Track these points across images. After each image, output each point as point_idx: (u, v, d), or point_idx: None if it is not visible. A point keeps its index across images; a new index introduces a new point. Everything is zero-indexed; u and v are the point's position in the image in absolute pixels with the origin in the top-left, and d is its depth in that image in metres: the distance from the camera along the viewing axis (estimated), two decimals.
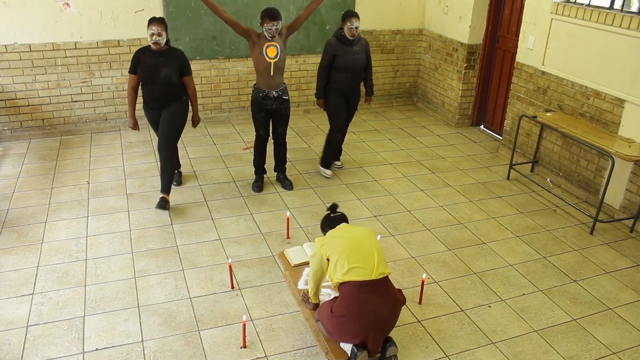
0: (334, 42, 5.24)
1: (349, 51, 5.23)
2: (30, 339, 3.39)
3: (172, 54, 4.74)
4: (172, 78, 4.70)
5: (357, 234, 3.22)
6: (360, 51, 5.30)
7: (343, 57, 5.22)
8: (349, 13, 5.15)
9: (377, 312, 3.06)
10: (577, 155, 5.41)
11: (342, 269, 3.07)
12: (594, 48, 5.10)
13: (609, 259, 4.47)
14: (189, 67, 4.82)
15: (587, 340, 3.56)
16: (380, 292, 3.08)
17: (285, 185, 5.40)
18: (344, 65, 5.24)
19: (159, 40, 4.61)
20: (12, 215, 4.77)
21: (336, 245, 3.14)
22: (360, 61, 5.33)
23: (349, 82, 5.37)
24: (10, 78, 6.13)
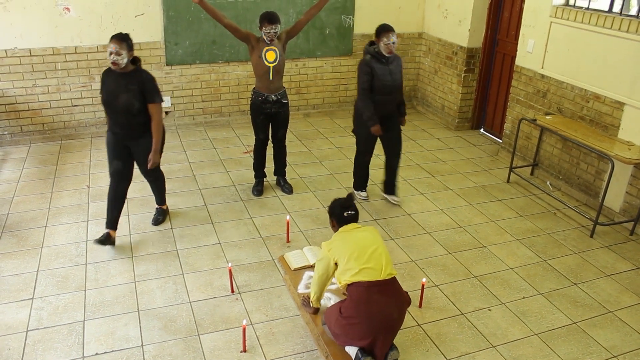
0: (370, 60, 4.72)
1: (386, 70, 4.74)
2: (30, 344, 3.38)
3: (136, 77, 4.13)
4: (133, 106, 4.10)
5: (364, 235, 3.22)
6: (397, 70, 4.83)
7: (380, 77, 4.71)
8: (386, 27, 4.65)
9: (386, 312, 3.06)
10: (577, 158, 5.41)
11: (351, 270, 3.09)
12: (593, 51, 5.11)
13: (609, 261, 4.46)
14: (155, 94, 4.18)
15: (587, 344, 3.55)
16: (389, 293, 3.10)
17: (285, 189, 5.40)
18: (381, 86, 4.73)
19: (117, 60, 4.03)
20: (12, 220, 4.77)
21: (345, 249, 3.15)
22: (397, 81, 4.83)
23: (386, 104, 4.85)
24: (11, 82, 6.14)
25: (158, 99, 4.21)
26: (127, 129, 4.24)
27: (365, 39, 7.49)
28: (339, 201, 3.38)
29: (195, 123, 7.06)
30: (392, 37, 4.61)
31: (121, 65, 4.05)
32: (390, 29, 4.64)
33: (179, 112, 6.97)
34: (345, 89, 7.72)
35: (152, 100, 4.18)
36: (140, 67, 4.21)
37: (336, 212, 3.33)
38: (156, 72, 6.65)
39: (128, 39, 4.12)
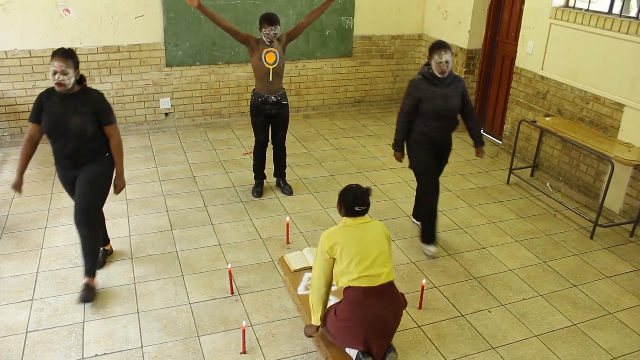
0: (419, 81, 4.21)
1: (439, 93, 4.17)
2: (29, 345, 3.38)
3: (85, 97, 3.64)
4: (87, 129, 3.60)
5: (369, 237, 3.08)
6: (455, 93, 4.21)
7: (429, 101, 4.16)
8: (437, 44, 4.14)
9: (381, 317, 3.06)
10: (576, 160, 5.41)
11: (350, 275, 3.02)
12: (593, 53, 5.11)
13: (609, 263, 4.46)
14: (110, 113, 3.73)
15: (587, 345, 3.55)
16: (385, 297, 3.07)
17: (285, 191, 5.40)
18: (431, 111, 4.18)
19: (63, 80, 3.51)
20: (12, 221, 4.77)
21: (347, 251, 3.03)
22: (453, 106, 4.24)
23: (439, 132, 4.30)
24: (11, 84, 6.14)
25: (114, 119, 3.76)
26: (78, 157, 3.69)
27: (365, 41, 7.51)
28: (353, 191, 3.13)
29: (195, 124, 7.06)
30: (443, 55, 4.04)
31: (67, 85, 3.55)
32: (441, 45, 4.08)
33: (178, 113, 6.97)
34: (345, 90, 7.72)
35: (108, 122, 3.71)
36: (86, 86, 3.75)
37: (347, 202, 3.11)
38: (156, 74, 6.66)
39: (74, 55, 3.61)
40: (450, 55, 4.09)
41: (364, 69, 7.70)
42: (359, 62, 7.63)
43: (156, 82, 6.72)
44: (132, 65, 6.54)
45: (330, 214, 5.05)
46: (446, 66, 4.08)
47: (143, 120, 6.84)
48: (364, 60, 7.65)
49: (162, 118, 6.93)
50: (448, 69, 4.11)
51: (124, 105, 6.68)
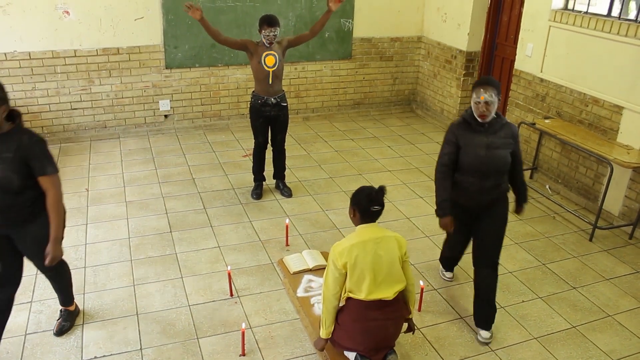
0: (458, 126, 3.44)
1: (481, 141, 3.35)
2: (28, 348, 3.38)
3: (12, 140, 2.91)
4: (12, 181, 2.88)
5: (386, 259, 2.93)
6: (502, 143, 3.36)
7: (468, 150, 3.37)
8: (479, 81, 3.33)
9: (383, 328, 3.05)
10: (575, 162, 5.41)
11: (358, 293, 2.96)
12: (592, 55, 5.12)
13: (608, 265, 4.46)
14: (46, 162, 2.98)
15: (586, 348, 3.55)
16: (387, 309, 3.02)
17: (284, 193, 5.40)
18: (468, 163, 3.38)
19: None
20: None
21: (359, 270, 2.92)
22: (499, 159, 3.36)
23: (474, 190, 3.44)
24: (10, 86, 6.13)
25: (51, 169, 3.00)
26: (6, 214, 2.97)
27: (364, 43, 7.51)
28: (367, 191, 2.98)
29: (195, 126, 7.06)
30: (482, 94, 3.21)
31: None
32: (482, 82, 3.28)
33: (178, 115, 6.97)
34: (345, 93, 7.73)
35: (42, 172, 2.96)
36: (20, 125, 3.03)
37: (362, 204, 2.94)
38: (156, 76, 6.66)
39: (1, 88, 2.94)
40: (494, 94, 3.23)
41: (364, 71, 7.71)
42: (358, 65, 7.63)
43: (156, 84, 6.73)
44: (132, 67, 6.54)
45: (330, 216, 5.05)
46: (486, 108, 3.26)
47: (142, 122, 6.84)
48: (364, 63, 7.65)
49: (161, 120, 6.93)
50: (490, 112, 3.27)
51: (124, 107, 6.68)
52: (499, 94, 3.29)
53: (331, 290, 2.97)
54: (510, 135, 3.41)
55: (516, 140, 3.45)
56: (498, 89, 3.28)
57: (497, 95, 3.27)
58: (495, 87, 3.26)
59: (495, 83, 3.29)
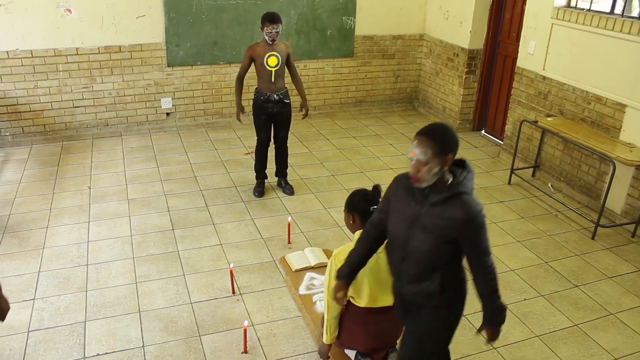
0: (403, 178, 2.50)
1: (408, 212, 2.41)
2: (31, 344, 3.39)
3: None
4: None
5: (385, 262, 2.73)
6: (436, 226, 2.33)
7: (393, 218, 2.49)
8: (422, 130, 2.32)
9: (383, 331, 3.05)
10: (578, 160, 5.41)
11: (358, 300, 2.92)
12: (595, 53, 5.10)
13: (610, 264, 4.46)
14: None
15: (588, 346, 3.55)
16: (389, 313, 3.00)
17: (287, 190, 5.41)
18: (390, 236, 2.55)
19: None
20: (14, 221, 4.77)
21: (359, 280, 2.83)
22: (419, 246, 2.38)
23: (396, 279, 2.60)
24: (12, 84, 6.14)
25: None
26: None
27: (366, 41, 7.50)
28: (362, 193, 2.88)
29: (197, 124, 7.07)
30: (414, 148, 2.26)
31: None
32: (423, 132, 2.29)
33: (180, 113, 6.97)
34: (347, 90, 7.72)
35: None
36: None
37: (360, 207, 2.82)
38: (157, 74, 6.66)
39: None
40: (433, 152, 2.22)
41: (366, 69, 7.70)
42: (360, 62, 7.62)
43: (157, 82, 6.73)
44: (134, 65, 6.54)
45: (332, 214, 5.05)
46: (416, 169, 2.27)
47: (144, 120, 6.84)
48: (366, 60, 7.65)
49: (163, 118, 6.93)
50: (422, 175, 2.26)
51: (126, 105, 6.68)
52: (446, 152, 2.23)
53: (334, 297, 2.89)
54: (454, 220, 2.28)
55: (467, 230, 2.29)
56: (443, 145, 2.23)
57: (441, 154, 2.22)
58: (437, 141, 2.23)
59: (441, 137, 2.25)
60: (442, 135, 2.28)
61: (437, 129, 2.31)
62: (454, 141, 2.31)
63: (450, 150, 2.28)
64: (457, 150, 2.33)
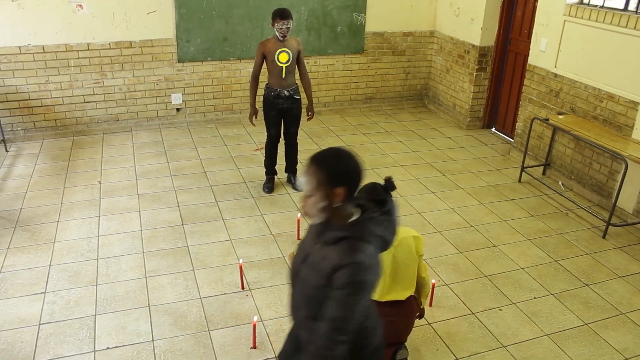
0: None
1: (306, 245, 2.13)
2: (42, 337, 3.41)
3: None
4: None
5: (403, 260, 2.87)
6: (316, 269, 1.98)
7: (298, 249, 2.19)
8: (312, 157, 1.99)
9: (393, 324, 3.04)
10: (589, 159, 5.37)
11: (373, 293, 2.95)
12: (608, 50, 5.06)
13: (621, 263, 4.42)
14: None
15: (599, 345, 3.53)
16: (399, 308, 3.02)
17: (296, 187, 5.41)
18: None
19: None
20: (25, 215, 4.81)
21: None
22: (302, 286, 2.06)
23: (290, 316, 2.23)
24: (24, 79, 6.18)
25: None
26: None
27: (376, 37, 7.49)
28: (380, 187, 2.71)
29: (206, 120, 7.08)
30: (302, 176, 2.00)
31: None
32: (311, 159, 1.99)
33: (190, 109, 6.99)
34: (356, 87, 7.70)
35: None
36: None
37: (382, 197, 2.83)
38: (168, 69, 6.68)
39: None
40: (317, 180, 1.92)
41: (376, 65, 7.68)
42: (370, 59, 7.61)
43: (168, 78, 6.75)
44: (144, 60, 6.56)
45: None
46: (304, 201, 1.99)
47: (155, 115, 6.87)
48: (376, 57, 7.63)
49: (173, 113, 6.95)
50: (307, 208, 1.99)
51: (136, 100, 6.71)
52: (334, 184, 1.89)
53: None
54: (326, 266, 1.92)
55: (328, 281, 1.91)
56: (330, 176, 1.89)
57: (328, 185, 1.89)
58: (324, 170, 1.90)
59: (329, 165, 1.92)
60: (331, 164, 1.91)
61: (327, 156, 1.94)
62: (346, 172, 1.90)
63: (341, 183, 1.88)
64: (355, 183, 1.92)
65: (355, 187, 1.94)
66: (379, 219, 1.97)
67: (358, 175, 1.93)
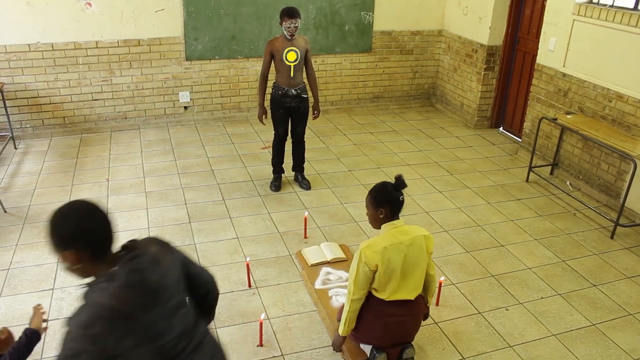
0: None
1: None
2: (50, 333, 3.43)
3: None
4: None
5: (413, 260, 2.91)
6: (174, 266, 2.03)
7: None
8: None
9: (402, 323, 3.05)
10: (597, 159, 5.34)
11: (381, 293, 2.96)
12: (617, 50, 5.03)
13: (629, 263, 4.40)
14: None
15: (606, 346, 3.51)
16: (408, 307, 3.03)
17: (303, 185, 5.41)
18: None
19: None
20: (34, 211, 4.84)
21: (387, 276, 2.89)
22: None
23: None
24: (33, 76, 6.22)
25: None
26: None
27: (384, 36, 7.48)
28: (382, 184, 2.94)
29: (214, 118, 7.10)
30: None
31: None
32: None
33: (197, 107, 7.01)
34: (364, 86, 7.70)
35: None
36: None
37: (389, 196, 2.88)
38: (176, 67, 6.70)
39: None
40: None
41: (383, 64, 7.67)
42: (378, 58, 7.60)
43: (176, 76, 6.76)
44: (152, 58, 6.59)
45: (348, 209, 5.04)
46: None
47: (162, 113, 6.89)
48: (384, 56, 7.62)
49: (181, 111, 6.97)
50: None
51: (144, 98, 6.73)
52: (63, 247, 1.77)
53: (361, 288, 2.93)
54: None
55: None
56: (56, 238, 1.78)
57: (58, 248, 1.77)
58: (47, 230, 1.79)
59: (50, 226, 1.79)
60: (53, 228, 1.78)
61: (51, 218, 1.80)
62: (69, 234, 1.76)
63: (67, 245, 1.76)
64: (89, 243, 1.78)
65: (94, 245, 1.77)
66: (101, 286, 1.75)
67: (89, 234, 1.76)
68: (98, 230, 1.80)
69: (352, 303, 2.99)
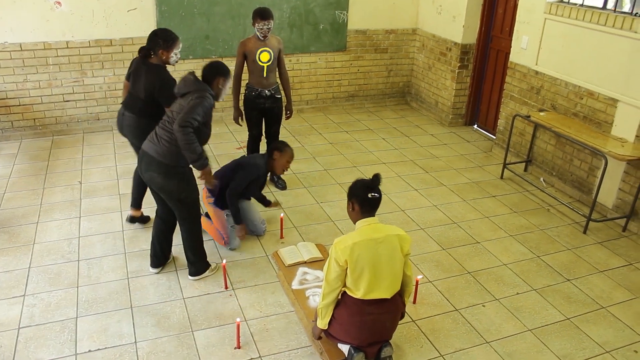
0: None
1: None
2: (22, 341, 3.36)
3: None
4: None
5: (386, 258, 2.94)
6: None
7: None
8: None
9: (379, 322, 3.05)
10: (570, 155, 5.42)
11: (356, 291, 2.97)
12: (588, 48, 5.11)
13: (602, 258, 4.48)
14: None
15: (580, 339, 3.56)
16: (384, 305, 3.04)
17: (279, 185, 5.39)
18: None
19: None
20: (3, 216, 4.72)
21: (359, 271, 2.92)
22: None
23: None
24: (1, 77, 6.07)
25: None
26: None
27: (359, 35, 7.48)
28: (363, 182, 3.03)
29: None
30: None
31: None
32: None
33: None
34: (339, 85, 7.70)
35: None
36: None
37: (359, 194, 2.97)
38: None
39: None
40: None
41: (358, 63, 7.68)
42: (353, 57, 7.60)
43: None
44: (125, 59, 6.48)
45: (324, 208, 5.04)
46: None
47: None
48: (358, 55, 7.63)
49: None
50: None
51: (117, 99, 6.62)
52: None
53: (332, 285, 3.00)
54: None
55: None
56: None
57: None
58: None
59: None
60: None
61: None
62: None
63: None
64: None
65: None
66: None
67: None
68: None
69: (325, 298, 3.05)
